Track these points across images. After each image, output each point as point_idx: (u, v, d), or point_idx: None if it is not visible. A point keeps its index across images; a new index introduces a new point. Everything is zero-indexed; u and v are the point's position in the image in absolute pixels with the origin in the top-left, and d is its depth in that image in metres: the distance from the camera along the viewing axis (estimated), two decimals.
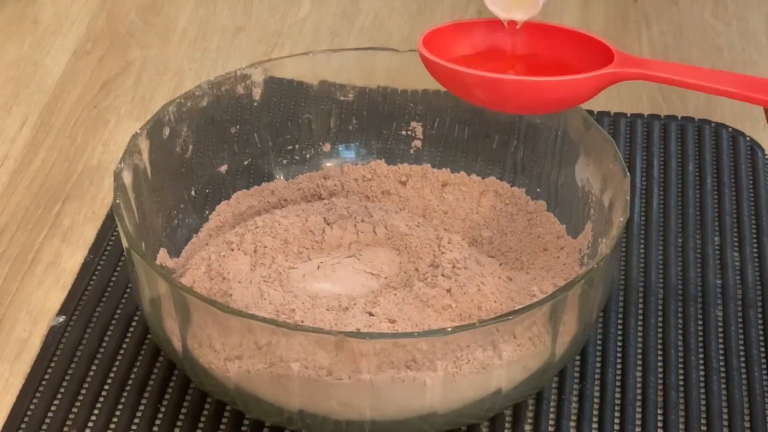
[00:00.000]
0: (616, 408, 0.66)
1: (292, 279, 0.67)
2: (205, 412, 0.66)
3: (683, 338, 0.70)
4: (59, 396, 0.67)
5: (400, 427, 0.62)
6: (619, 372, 0.68)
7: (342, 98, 0.76)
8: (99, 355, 0.69)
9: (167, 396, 0.66)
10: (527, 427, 0.65)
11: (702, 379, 0.67)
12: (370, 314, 0.63)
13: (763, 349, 0.69)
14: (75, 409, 0.66)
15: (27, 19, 0.96)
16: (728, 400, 0.66)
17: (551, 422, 0.66)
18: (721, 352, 0.69)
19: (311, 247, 0.69)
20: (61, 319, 0.71)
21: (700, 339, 0.70)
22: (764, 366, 0.68)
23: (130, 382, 0.67)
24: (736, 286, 0.73)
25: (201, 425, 0.65)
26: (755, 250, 0.75)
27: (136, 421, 0.65)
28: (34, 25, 0.96)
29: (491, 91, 0.62)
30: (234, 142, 0.75)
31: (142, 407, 0.66)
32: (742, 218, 0.77)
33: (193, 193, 0.73)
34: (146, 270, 0.62)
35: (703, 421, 0.65)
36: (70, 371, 0.68)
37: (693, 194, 0.79)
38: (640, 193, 0.79)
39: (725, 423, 0.65)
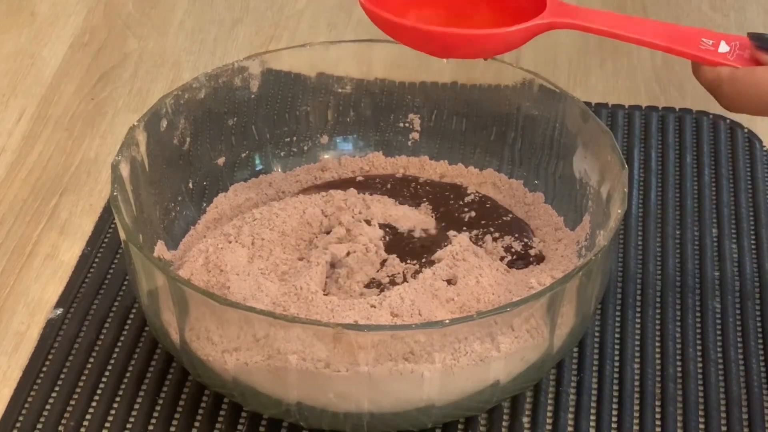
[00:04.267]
0: (614, 400, 0.66)
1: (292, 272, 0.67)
2: (202, 405, 0.66)
3: (681, 330, 0.70)
4: (57, 388, 0.67)
5: (398, 419, 0.62)
6: (617, 364, 0.68)
7: (340, 90, 0.76)
8: (97, 348, 0.69)
9: (165, 388, 0.66)
10: (525, 419, 0.65)
11: (700, 370, 0.68)
12: (372, 306, 0.63)
13: (761, 341, 0.69)
14: (73, 402, 0.66)
15: (24, 12, 0.96)
16: (726, 392, 0.66)
17: (549, 414, 0.66)
18: (719, 343, 0.69)
19: (309, 239, 0.69)
20: (59, 311, 0.71)
21: (698, 331, 0.70)
22: (762, 357, 0.68)
23: (127, 374, 0.67)
24: (734, 278, 0.73)
25: (199, 417, 0.65)
26: (753, 241, 0.75)
27: (134, 413, 0.65)
28: (31, 17, 0.96)
29: (426, 41, 0.65)
30: (231, 134, 0.75)
31: (139, 399, 0.66)
32: (740, 210, 0.77)
33: (190, 185, 0.73)
34: (144, 262, 0.62)
35: (701, 412, 0.65)
36: (67, 363, 0.68)
37: (691, 186, 0.79)
38: (638, 184, 0.79)
39: (723, 414, 0.65)
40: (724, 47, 0.62)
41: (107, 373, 0.67)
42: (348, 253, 0.67)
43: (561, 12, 0.64)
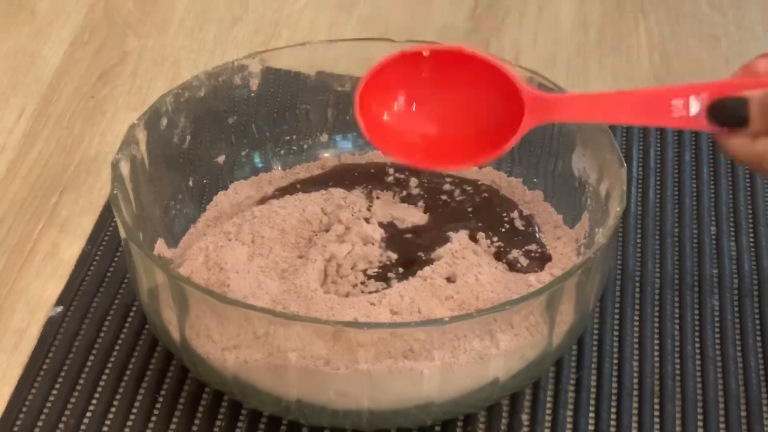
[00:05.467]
0: (613, 397, 0.66)
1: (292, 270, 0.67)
2: (203, 402, 0.66)
3: (680, 327, 0.70)
4: (57, 386, 0.67)
5: (398, 416, 0.62)
6: (615, 361, 0.68)
7: (339, 89, 0.76)
8: (97, 346, 0.69)
9: (165, 386, 0.67)
10: (524, 417, 0.65)
11: (698, 368, 0.68)
12: (372, 304, 0.63)
13: (759, 338, 0.69)
14: (73, 399, 0.66)
15: (24, 10, 0.96)
16: (725, 389, 0.66)
17: (548, 411, 0.66)
18: (718, 341, 0.69)
19: (309, 237, 0.70)
20: (59, 309, 0.71)
21: (697, 328, 0.70)
22: (760, 355, 0.68)
23: (128, 372, 0.67)
24: (733, 276, 0.73)
25: (199, 415, 0.65)
26: (751, 239, 0.76)
27: (134, 411, 0.65)
28: (31, 15, 0.96)
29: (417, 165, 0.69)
30: (231, 132, 0.75)
31: (140, 397, 0.66)
32: (738, 208, 0.78)
33: (190, 183, 0.73)
34: (144, 260, 0.62)
35: (699, 410, 0.66)
36: (68, 361, 0.68)
37: (689, 184, 0.79)
38: (636, 182, 0.79)
39: (721, 412, 0.65)
40: (694, 107, 0.61)
41: (107, 371, 0.67)
42: (348, 253, 0.67)
43: (540, 111, 0.63)
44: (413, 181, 0.74)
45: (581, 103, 0.64)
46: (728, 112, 0.60)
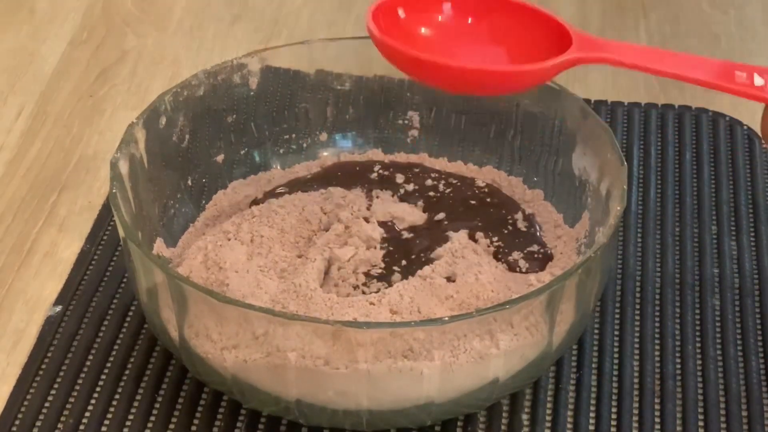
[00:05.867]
0: (614, 397, 0.66)
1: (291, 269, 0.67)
2: (202, 402, 0.66)
3: (680, 327, 0.70)
4: (56, 386, 0.67)
5: (398, 416, 0.62)
6: (616, 361, 0.68)
7: (339, 87, 0.76)
8: (96, 345, 0.69)
9: (164, 386, 0.66)
10: (524, 416, 0.65)
11: (699, 368, 0.67)
12: (371, 303, 0.63)
13: (760, 338, 0.69)
14: (72, 399, 0.66)
15: (23, 9, 0.96)
16: (725, 389, 0.66)
17: (548, 411, 0.66)
18: (718, 341, 0.69)
19: (308, 236, 0.69)
20: (58, 309, 0.71)
21: (697, 328, 0.70)
22: (761, 354, 0.68)
23: (126, 372, 0.67)
24: (734, 276, 0.73)
25: (198, 415, 0.65)
26: (752, 239, 0.75)
27: (133, 410, 0.65)
28: (30, 14, 0.96)
29: (449, 77, 0.61)
30: (231, 131, 0.75)
31: (138, 397, 0.66)
32: (739, 207, 0.77)
33: (189, 182, 0.73)
34: (143, 260, 0.62)
35: (700, 409, 0.65)
36: (66, 361, 0.68)
37: (690, 183, 0.79)
38: (637, 182, 0.79)
39: (722, 412, 0.65)
40: (758, 80, 0.60)
41: (106, 371, 0.67)
42: (352, 257, 0.67)
43: (590, 47, 0.62)
44: (413, 180, 0.74)
45: (634, 49, 0.62)
46: None
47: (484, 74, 0.61)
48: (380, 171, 0.74)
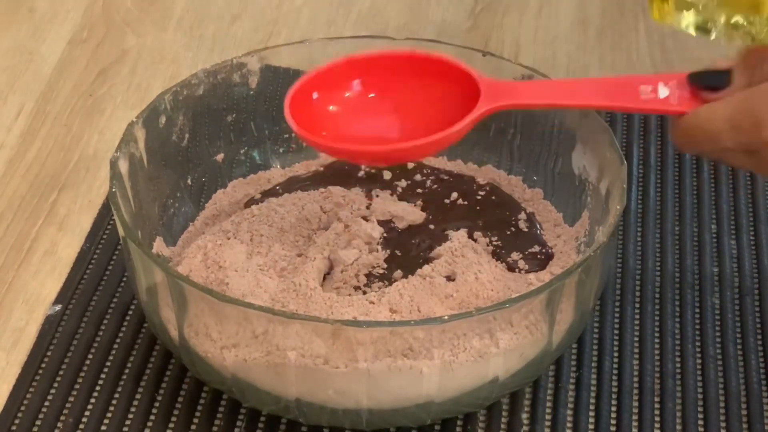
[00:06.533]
0: (613, 396, 0.66)
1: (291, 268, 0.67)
2: (201, 401, 0.66)
3: (680, 326, 0.70)
4: (56, 385, 0.67)
5: (397, 415, 0.62)
6: (615, 360, 0.68)
7: None
8: (95, 344, 0.69)
9: (164, 385, 0.66)
10: (524, 416, 0.65)
11: (699, 366, 0.68)
12: (371, 302, 0.63)
13: (759, 337, 0.69)
14: (71, 398, 0.66)
15: (22, 8, 0.96)
16: (725, 388, 0.66)
17: (548, 410, 0.66)
18: (718, 339, 0.69)
19: (307, 235, 0.69)
20: (58, 308, 0.71)
21: (697, 327, 0.70)
22: (761, 353, 0.68)
23: (126, 370, 0.67)
24: (733, 274, 0.73)
25: (198, 414, 0.65)
26: (752, 238, 0.75)
27: (133, 409, 0.65)
28: (30, 13, 0.96)
29: (369, 157, 0.65)
30: (230, 130, 0.74)
31: (138, 396, 0.66)
32: (739, 206, 0.77)
33: (189, 181, 0.73)
34: (142, 259, 0.62)
35: (699, 408, 0.65)
36: (66, 360, 0.68)
37: (690, 182, 0.79)
38: (637, 181, 0.79)
39: (722, 410, 0.65)
40: (663, 91, 0.61)
41: (106, 370, 0.67)
42: (355, 260, 0.67)
43: (497, 95, 0.62)
44: (412, 180, 0.74)
45: (542, 87, 0.64)
46: (710, 74, 0.60)
47: (399, 151, 0.63)
48: (379, 170, 0.74)
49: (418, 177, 0.74)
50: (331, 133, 0.63)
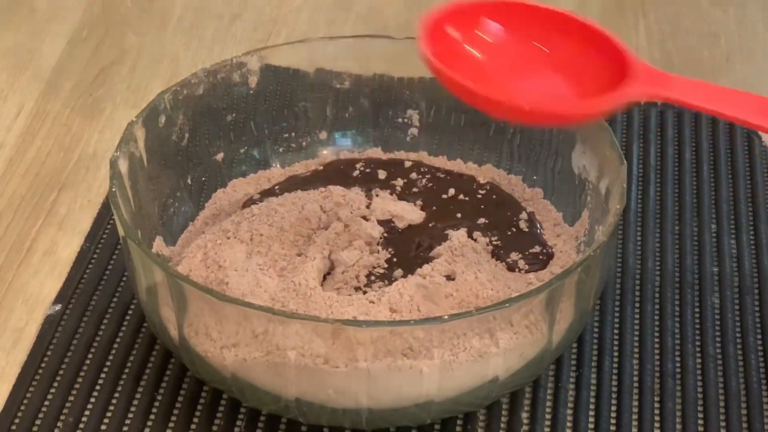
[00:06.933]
0: (613, 395, 0.66)
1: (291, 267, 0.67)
2: (201, 401, 0.66)
3: (680, 325, 0.70)
4: (56, 384, 0.67)
5: (397, 415, 0.62)
6: (615, 359, 0.68)
7: (338, 86, 0.76)
8: (95, 344, 0.69)
9: (164, 384, 0.66)
10: (524, 415, 0.65)
11: (699, 366, 0.67)
12: (371, 302, 0.63)
13: (759, 337, 0.69)
14: (71, 398, 0.66)
15: (22, 7, 0.96)
16: (725, 387, 0.66)
17: (548, 410, 0.66)
18: (718, 339, 0.69)
19: (307, 235, 0.69)
20: (57, 307, 0.71)
21: (697, 326, 0.70)
22: (761, 353, 0.68)
23: (126, 370, 0.67)
24: (733, 274, 0.73)
25: (197, 413, 0.65)
26: (752, 237, 0.75)
27: (133, 409, 0.65)
28: (30, 13, 0.96)
29: (503, 110, 0.60)
30: (230, 130, 0.75)
31: (138, 395, 0.66)
32: (739, 206, 0.77)
33: (189, 181, 0.73)
34: (142, 258, 0.62)
35: (699, 408, 0.65)
36: (66, 360, 0.68)
37: (690, 182, 0.79)
38: (636, 180, 0.79)
39: (722, 410, 0.65)
40: None
41: (106, 369, 0.67)
42: (357, 261, 0.67)
43: (654, 81, 0.58)
44: (412, 179, 0.74)
45: (703, 88, 0.58)
46: None
47: (541, 112, 0.59)
48: (379, 169, 0.74)
49: (417, 176, 0.74)
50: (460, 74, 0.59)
